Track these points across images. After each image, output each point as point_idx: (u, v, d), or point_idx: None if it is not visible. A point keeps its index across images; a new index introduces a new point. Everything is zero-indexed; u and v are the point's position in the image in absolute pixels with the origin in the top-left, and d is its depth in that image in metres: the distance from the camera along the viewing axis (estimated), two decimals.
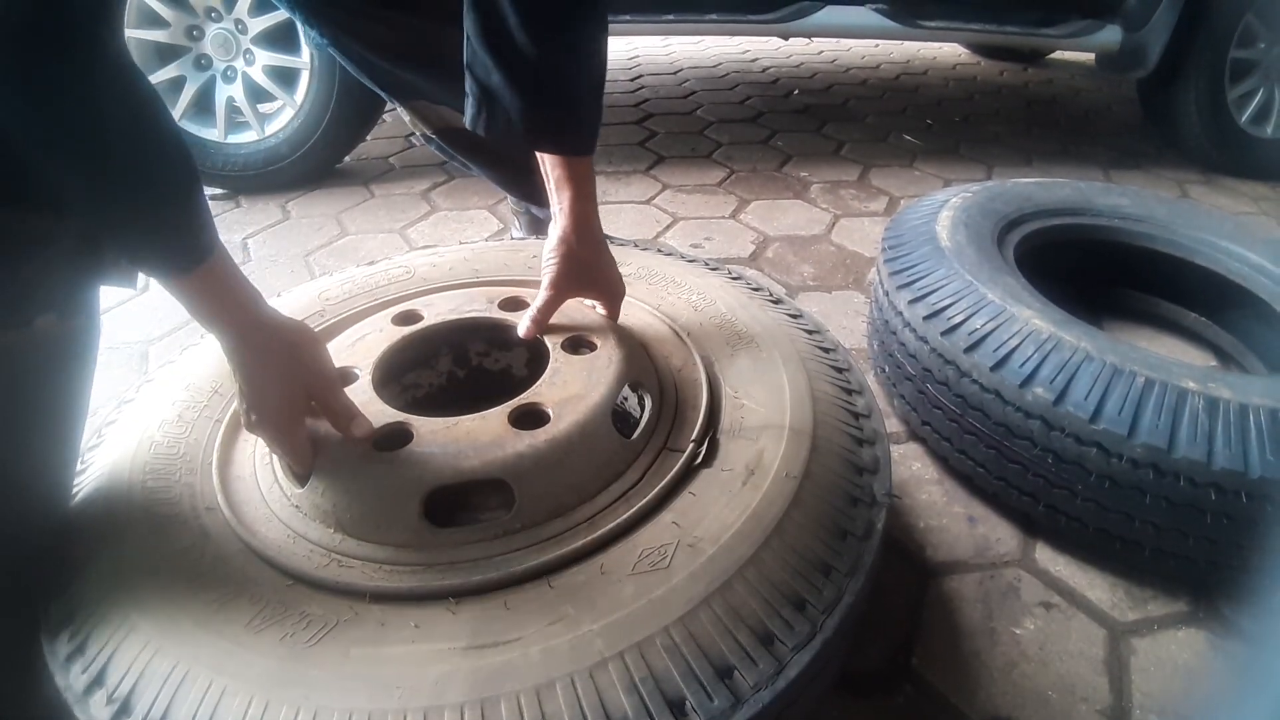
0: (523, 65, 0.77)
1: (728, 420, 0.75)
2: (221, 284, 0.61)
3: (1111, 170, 2.30)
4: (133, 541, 0.64)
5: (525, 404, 0.71)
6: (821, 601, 0.61)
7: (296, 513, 0.67)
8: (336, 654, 0.54)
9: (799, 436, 0.72)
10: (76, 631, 0.58)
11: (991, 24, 2.16)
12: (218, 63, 1.92)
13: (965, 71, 3.46)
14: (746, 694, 0.54)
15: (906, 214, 1.27)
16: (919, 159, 2.33)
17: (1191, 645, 0.86)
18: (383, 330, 0.83)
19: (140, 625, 0.57)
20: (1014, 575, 0.94)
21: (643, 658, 0.54)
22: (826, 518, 0.67)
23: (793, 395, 0.78)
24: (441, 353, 0.91)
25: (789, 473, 0.68)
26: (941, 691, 0.80)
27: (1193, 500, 0.83)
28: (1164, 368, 0.89)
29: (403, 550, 0.63)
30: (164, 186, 0.56)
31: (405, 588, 0.59)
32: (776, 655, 0.56)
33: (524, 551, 0.62)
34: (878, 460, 0.76)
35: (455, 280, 1.00)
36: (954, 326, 0.99)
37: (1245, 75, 2.17)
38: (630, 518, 0.64)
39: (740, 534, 0.62)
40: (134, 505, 0.67)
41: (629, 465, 0.70)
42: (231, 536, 0.64)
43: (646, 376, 0.79)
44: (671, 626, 0.55)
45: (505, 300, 0.89)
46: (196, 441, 0.74)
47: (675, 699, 0.52)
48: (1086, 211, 1.33)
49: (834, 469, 0.71)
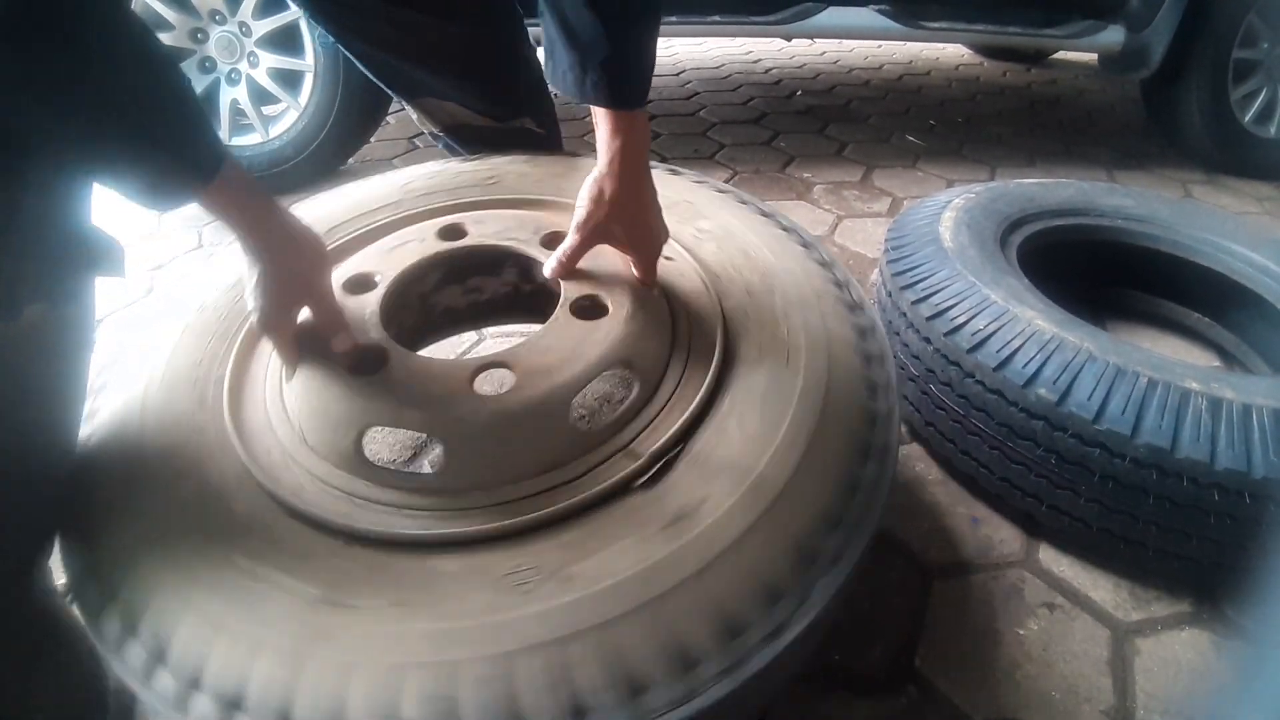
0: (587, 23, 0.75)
1: (703, 441, 0.66)
2: (238, 190, 0.65)
3: (1115, 171, 2.29)
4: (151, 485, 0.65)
5: (495, 363, 0.69)
6: (664, 699, 0.52)
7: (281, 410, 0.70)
8: None
9: (756, 493, 0.61)
10: (105, 584, 0.59)
11: (994, 25, 2.16)
12: (222, 65, 1.93)
13: (968, 72, 3.46)
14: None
15: (909, 215, 1.27)
16: (922, 160, 2.33)
17: (1195, 645, 0.86)
18: (423, 241, 0.84)
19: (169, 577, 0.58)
20: (1017, 576, 0.94)
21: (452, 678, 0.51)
22: (730, 604, 0.56)
23: (784, 438, 0.65)
24: (467, 276, 0.91)
25: (715, 535, 0.59)
26: (945, 692, 0.80)
27: (1196, 500, 0.83)
28: (1167, 368, 0.89)
29: (335, 473, 0.64)
30: (176, 105, 0.60)
31: (310, 513, 0.60)
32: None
33: (427, 515, 0.61)
34: (837, 558, 0.61)
35: (531, 195, 0.95)
36: (957, 327, 0.99)
37: (1248, 75, 2.16)
38: (533, 520, 0.59)
39: (621, 586, 0.55)
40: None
41: (576, 457, 0.65)
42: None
43: (643, 360, 0.71)
44: (485, 660, 0.52)
45: (548, 236, 0.84)
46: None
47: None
48: (1090, 212, 1.33)
49: (775, 548, 0.59)
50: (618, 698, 0.51)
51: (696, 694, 0.52)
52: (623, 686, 0.51)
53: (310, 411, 0.67)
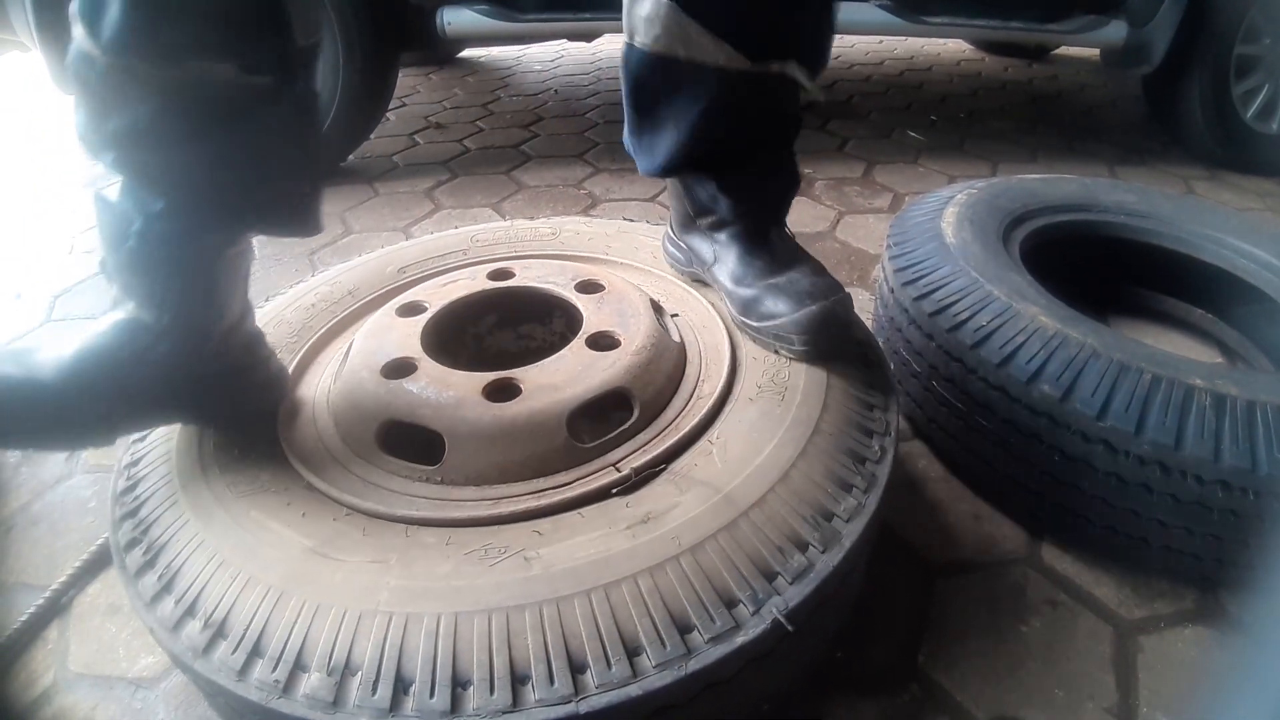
0: None
1: (686, 460, 0.71)
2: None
3: (1117, 166, 2.29)
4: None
5: (507, 378, 0.75)
6: (601, 679, 0.56)
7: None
8: None
9: (724, 507, 0.65)
10: (147, 547, 0.68)
11: (996, 20, 2.15)
12: None
13: (969, 68, 3.45)
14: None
15: (911, 211, 1.27)
16: (923, 155, 2.33)
17: (1198, 643, 0.86)
18: (473, 280, 0.96)
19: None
20: (1020, 573, 0.94)
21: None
22: (678, 603, 0.59)
23: (762, 464, 0.70)
24: (520, 322, 1.01)
25: (678, 537, 0.63)
26: (948, 690, 0.80)
27: (1199, 497, 0.82)
28: (1171, 365, 0.88)
29: (355, 459, 0.74)
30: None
31: (322, 488, 0.70)
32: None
33: (422, 500, 0.69)
34: (800, 575, 0.63)
35: (581, 252, 1.09)
36: (960, 323, 0.99)
37: (1250, 71, 2.16)
38: (511, 513, 0.66)
39: (577, 570, 0.60)
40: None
41: (567, 468, 0.71)
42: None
43: (645, 390, 0.77)
44: (437, 616, 0.58)
45: (583, 283, 0.92)
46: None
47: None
48: (1092, 208, 1.32)
49: (733, 559, 0.63)
50: (556, 669, 0.55)
51: (631, 682, 0.56)
52: (560, 660, 0.56)
53: (344, 405, 0.78)
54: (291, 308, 0.98)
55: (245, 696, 0.56)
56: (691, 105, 0.83)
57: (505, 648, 0.56)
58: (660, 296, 0.96)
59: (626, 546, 0.62)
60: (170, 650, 0.61)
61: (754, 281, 0.87)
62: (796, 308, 0.82)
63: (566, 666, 0.56)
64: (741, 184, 0.89)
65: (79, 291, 1.61)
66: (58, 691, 0.81)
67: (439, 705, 0.54)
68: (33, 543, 0.99)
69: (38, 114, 2.87)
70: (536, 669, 0.55)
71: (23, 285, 1.64)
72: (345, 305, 0.99)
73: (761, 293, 0.86)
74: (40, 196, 2.13)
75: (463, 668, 0.55)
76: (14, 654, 0.84)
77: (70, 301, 1.57)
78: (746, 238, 0.90)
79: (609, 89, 2.97)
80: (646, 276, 1.02)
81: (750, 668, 0.61)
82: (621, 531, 0.63)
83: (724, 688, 0.60)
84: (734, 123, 0.85)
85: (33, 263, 1.74)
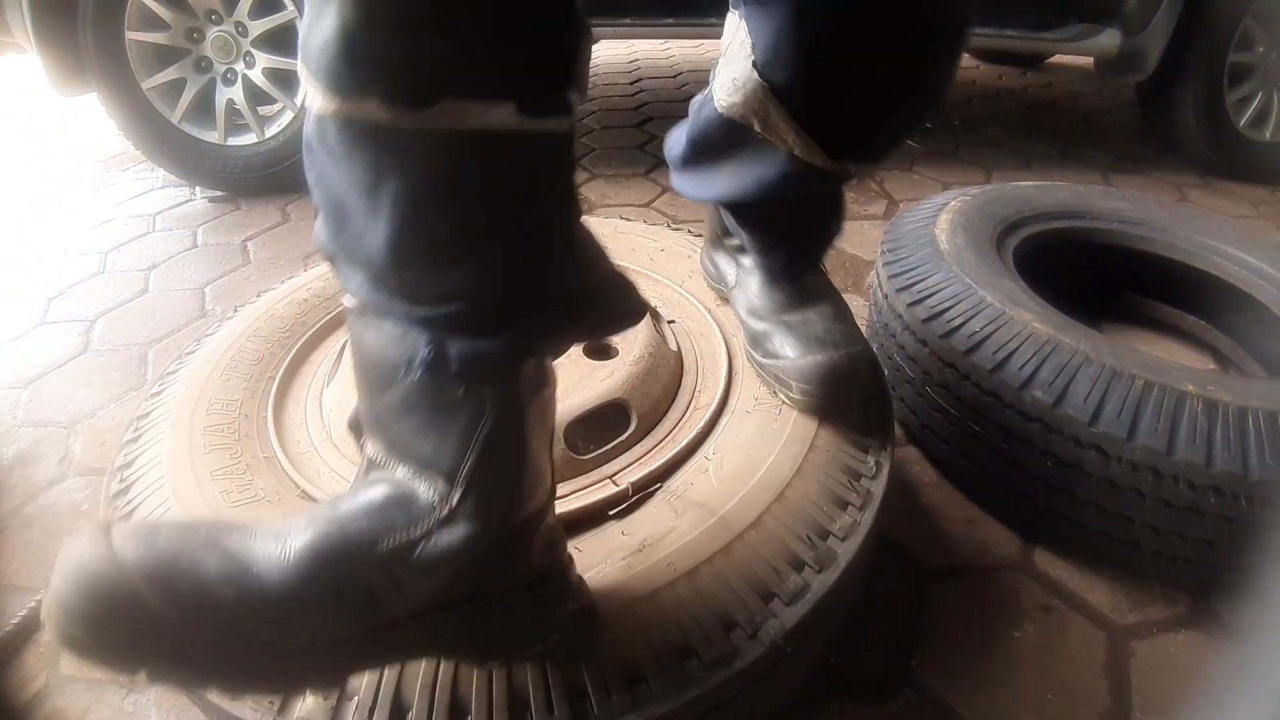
0: None
1: (682, 479, 0.71)
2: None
3: (1110, 174, 2.30)
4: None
5: None
6: (603, 709, 0.55)
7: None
8: None
9: (720, 530, 0.65)
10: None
11: (990, 28, 2.16)
12: (218, 65, 1.93)
13: (963, 75, 3.46)
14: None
15: (905, 217, 1.27)
16: (918, 162, 2.33)
17: (1191, 648, 0.86)
18: None
19: None
20: (1013, 578, 0.94)
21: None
22: (673, 631, 0.59)
23: (758, 483, 0.69)
24: None
25: (673, 563, 0.63)
26: (941, 695, 0.80)
27: (1192, 503, 0.83)
28: (1163, 371, 0.89)
29: (349, 467, 0.73)
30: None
31: (317, 497, 0.69)
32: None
33: None
34: (797, 595, 0.63)
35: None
36: (953, 329, 0.99)
37: (1244, 79, 2.17)
38: None
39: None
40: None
41: (565, 479, 0.70)
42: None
43: (641, 402, 0.77)
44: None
45: None
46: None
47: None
48: (1085, 215, 1.33)
49: (730, 583, 0.62)
50: (556, 698, 0.55)
51: (631, 710, 0.55)
52: (560, 689, 0.55)
53: (338, 409, 0.78)
54: (284, 302, 0.97)
55: (240, 717, 0.56)
56: (753, 169, 0.78)
57: (504, 676, 0.55)
58: (656, 301, 0.96)
59: (623, 578, 0.62)
60: None
61: (768, 314, 0.82)
62: (803, 353, 0.76)
63: (566, 695, 0.55)
64: (778, 230, 0.85)
65: (73, 294, 1.60)
66: (50, 695, 0.81)
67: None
68: (25, 545, 0.99)
69: (34, 115, 2.86)
70: (536, 697, 0.55)
71: (17, 287, 1.64)
72: (339, 302, 0.97)
73: (772, 328, 0.81)
74: (36, 198, 2.12)
75: (461, 695, 0.55)
76: (6, 657, 0.84)
77: (64, 304, 1.57)
78: (770, 270, 0.86)
79: (605, 95, 2.98)
80: (643, 279, 1.03)
81: (749, 689, 0.61)
82: (618, 563, 0.63)
83: (723, 710, 0.60)
84: (794, 197, 0.80)
85: (28, 264, 1.74)
